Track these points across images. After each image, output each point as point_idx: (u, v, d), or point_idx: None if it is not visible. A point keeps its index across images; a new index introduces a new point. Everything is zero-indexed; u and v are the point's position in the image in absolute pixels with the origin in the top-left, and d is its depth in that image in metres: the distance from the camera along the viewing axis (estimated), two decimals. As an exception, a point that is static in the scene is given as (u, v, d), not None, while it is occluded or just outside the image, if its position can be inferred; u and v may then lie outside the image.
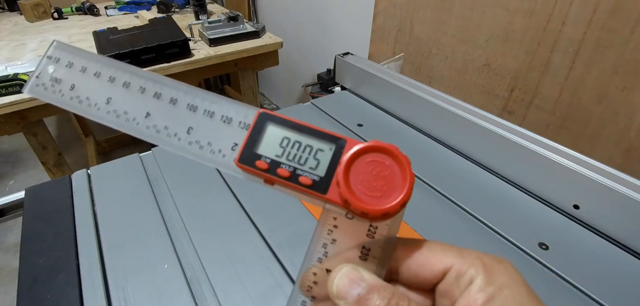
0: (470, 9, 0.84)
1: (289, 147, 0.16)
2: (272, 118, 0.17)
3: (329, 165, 0.16)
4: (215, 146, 0.17)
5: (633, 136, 0.64)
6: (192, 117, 0.18)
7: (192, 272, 0.39)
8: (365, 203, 0.15)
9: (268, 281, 0.38)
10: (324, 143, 0.16)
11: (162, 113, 0.18)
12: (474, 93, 0.89)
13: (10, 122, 0.94)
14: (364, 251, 0.16)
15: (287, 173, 0.16)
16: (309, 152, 0.16)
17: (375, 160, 0.15)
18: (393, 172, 0.15)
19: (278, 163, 0.16)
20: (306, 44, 1.80)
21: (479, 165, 0.54)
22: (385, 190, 0.15)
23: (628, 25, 0.60)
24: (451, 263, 0.15)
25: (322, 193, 0.15)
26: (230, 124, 0.17)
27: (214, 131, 0.17)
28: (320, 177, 0.16)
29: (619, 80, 0.63)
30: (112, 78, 0.19)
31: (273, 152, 0.16)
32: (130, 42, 1.05)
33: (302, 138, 0.16)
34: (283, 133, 0.16)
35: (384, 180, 0.15)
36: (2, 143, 2.15)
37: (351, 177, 0.15)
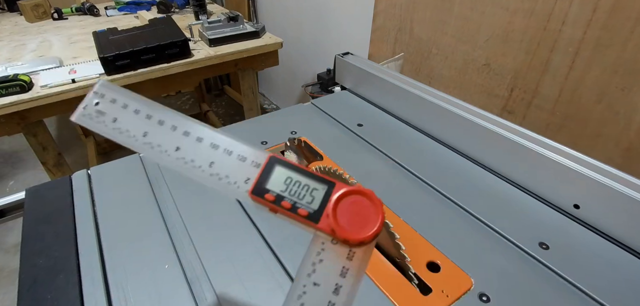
0: (470, 9, 0.84)
1: (292, 185, 0.20)
2: (279, 161, 0.21)
3: (321, 201, 0.20)
4: (232, 179, 0.21)
5: (633, 136, 0.64)
6: (213, 153, 0.22)
7: (192, 272, 0.39)
8: (347, 232, 0.19)
9: (268, 281, 0.38)
10: (318, 184, 0.20)
11: (189, 148, 0.22)
12: (474, 93, 0.89)
13: (10, 122, 0.94)
14: (343, 271, 0.20)
15: (288, 205, 0.20)
16: (307, 190, 0.20)
17: (356, 201, 0.20)
18: (369, 211, 0.20)
19: (282, 197, 0.20)
20: (306, 44, 1.80)
21: (479, 165, 0.54)
22: (362, 224, 0.19)
23: (628, 25, 0.60)
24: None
25: (315, 223, 0.20)
26: (244, 162, 0.21)
27: (231, 167, 0.21)
28: (314, 210, 0.20)
29: (619, 80, 0.63)
30: (149, 116, 0.23)
31: (278, 188, 0.20)
32: (130, 42, 1.05)
33: (302, 179, 0.21)
34: (287, 173, 0.21)
35: (362, 216, 0.19)
36: (2, 143, 2.15)
37: (338, 212, 0.20)
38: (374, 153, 0.58)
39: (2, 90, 0.90)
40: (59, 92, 0.95)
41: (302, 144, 0.59)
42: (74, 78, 0.98)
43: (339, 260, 0.19)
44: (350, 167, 0.53)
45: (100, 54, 0.99)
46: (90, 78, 0.99)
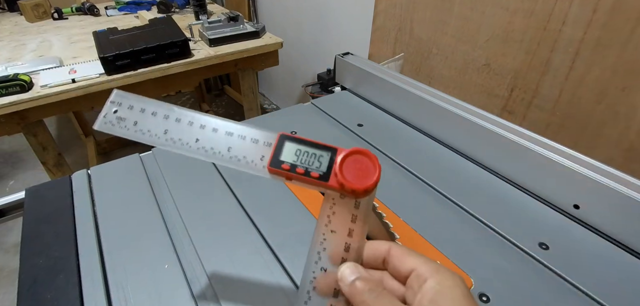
0: (470, 9, 0.84)
1: (301, 155, 0.24)
2: (289, 137, 0.25)
3: (328, 164, 0.24)
4: (249, 158, 0.25)
5: (633, 136, 0.64)
6: (229, 140, 0.25)
7: (192, 272, 0.39)
8: (353, 184, 0.23)
9: (268, 281, 0.38)
10: (323, 151, 0.24)
11: (208, 138, 0.25)
12: (474, 93, 0.89)
13: (10, 122, 0.94)
14: (346, 246, 0.24)
15: (302, 170, 0.24)
16: (314, 157, 0.24)
17: (357, 159, 0.24)
18: (368, 165, 0.24)
19: (295, 166, 0.24)
20: (306, 44, 1.80)
21: (479, 165, 0.54)
22: (364, 176, 0.23)
23: (628, 25, 0.60)
24: (416, 266, 0.22)
25: (326, 181, 0.23)
26: (257, 143, 0.25)
27: (247, 148, 0.25)
28: (324, 172, 0.24)
29: (619, 80, 0.63)
30: (166, 116, 0.26)
31: (291, 159, 0.24)
32: (130, 42, 1.05)
33: (309, 149, 0.25)
34: (296, 147, 0.25)
35: (363, 171, 0.23)
36: (2, 143, 2.15)
37: (343, 170, 0.23)
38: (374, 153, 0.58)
39: (2, 90, 0.90)
40: (59, 91, 0.95)
41: (302, 144, 0.59)
42: (74, 78, 0.98)
43: (348, 210, 0.24)
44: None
45: (101, 54, 0.99)
46: (90, 78, 0.99)
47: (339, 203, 0.24)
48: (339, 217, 0.24)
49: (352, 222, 0.24)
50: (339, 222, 0.24)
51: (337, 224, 0.24)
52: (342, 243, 0.24)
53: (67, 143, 2.19)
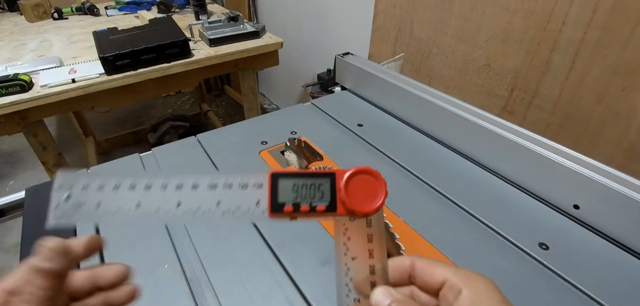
0: (470, 9, 0.84)
1: (300, 190, 0.22)
2: (281, 175, 0.23)
3: (330, 192, 0.23)
4: (243, 208, 0.22)
5: (633, 136, 0.64)
6: (215, 193, 0.22)
7: (192, 272, 0.39)
8: (364, 207, 0.22)
9: (268, 281, 0.38)
10: (322, 179, 0.23)
11: (190, 199, 0.22)
12: (474, 93, 0.89)
13: (10, 122, 0.94)
14: (371, 269, 0.23)
15: (307, 208, 0.22)
16: (315, 188, 0.22)
17: (360, 179, 0.23)
18: (373, 183, 0.23)
19: (298, 204, 0.22)
20: (306, 44, 1.80)
21: (479, 165, 0.54)
22: (372, 194, 0.22)
23: (628, 25, 0.60)
24: (447, 276, 0.22)
25: (334, 211, 0.22)
26: (247, 189, 0.22)
27: (238, 198, 0.22)
28: (329, 202, 0.22)
29: (619, 80, 0.63)
30: (132, 186, 0.22)
31: (291, 197, 0.22)
32: (130, 42, 1.05)
33: (307, 181, 0.23)
34: (293, 182, 0.22)
35: (368, 189, 0.23)
36: (2, 143, 2.15)
37: (350, 195, 0.22)
38: (374, 154, 0.58)
39: (2, 90, 0.90)
40: (59, 91, 0.95)
41: (302, 144, 0.59)
42: (74, 78, 0.98)
43: (362, 231, 0.23)
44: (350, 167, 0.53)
45: (101, 54, 0.99)
46: (90, 78, 0.99)
47: (351, 227, 0.23)
48: (355, 241, 0.23)
49: (369, 241, 0.23)
50: (356, 246, 0.23)
51: (355, 249, 0.23)
52: (366, 267, 0.23)
53: (67, 143, 2.19)
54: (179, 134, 2.01)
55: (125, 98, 1.08)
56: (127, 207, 0.21)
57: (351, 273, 0.23)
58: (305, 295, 0.36)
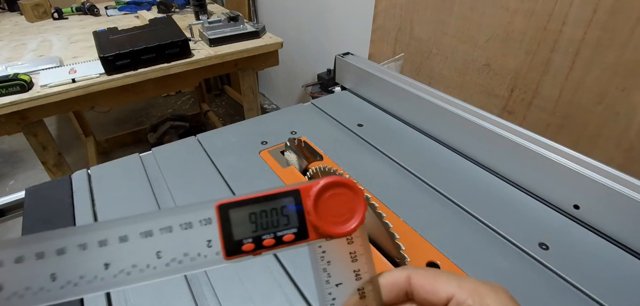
0: (470, 9, 0.84)
1: (259, 219, 0.18)
2: (230, 205, 0.18)
3: (297, 215, 0.19)
4: (192, 253, 0.17)
5: (633, 136, 0.64)
6: (152, 242, 0.17)
7: (192, 272, 0.39)
8: (341, 228, 0.19)
9: (268, 281, 0.38)
10: (284, 199, 0.19)
11: (121, 256, 0.17)
12: (474, 93, 0.89)
13: (10, 122, 0.94)
14: (361, 293, 0.20)
15: (271, 241, 0.18)
16: (277, 214, 0.18)
17: (331, 195, 0.19)
18: (348, 197, 0.19)
19: (259, 237, 0.18)
20: (306, 44, 1.80)
21: (479, 165, 0.54)
22: (349, 211, 0.19)
23: (628, 25, 0.60)
24: (452, 292, 0.19)
25: (306, 238, 0.19)
26: (192, 229, 0.18)
27: (182, 243, 0.17)
28: (297, 226, 0.18)
29: (619, 80, 0.63)
30: (39, 255, 0.16)
31: (249, 230, 0.18)
32: (130, 42, 1.05)
33: (265, 206, 0.18)
34: (247, 211, 0.18)
35: (344, 205, 0.19)
36: (2, 143, 2.15)
37: (321, 216, 0.18)
38: (374, 154, 0.58)
39: (2, 90, 0.90)
40: (59, 91, 0.95)
41: (302, 144, 0.59)
42: (74, 78, 0.98)
43: (343, 251, 0.20)
44: (350, 167, 0.53)
45: (101, 54, 0.99)
46: (90, 77, 0.99)
47: (329, 250, 0.19)
48: (337, 265, 0.19)
49: (354, 261, 0.20)
50: (339, 271, 0.20)
51: (338, 274, 0.20)
52: (355, 292, 0.20)
53: (67, 143, 2.19)
54: (179, 134, 2.01)
55: (125, 98, 1.08)
56: (40, 284, 0.16)
57: (338, 303, 0.20)
58: (305, 295, 0.36)
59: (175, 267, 0.17)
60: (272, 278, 0.38)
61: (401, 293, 0.21)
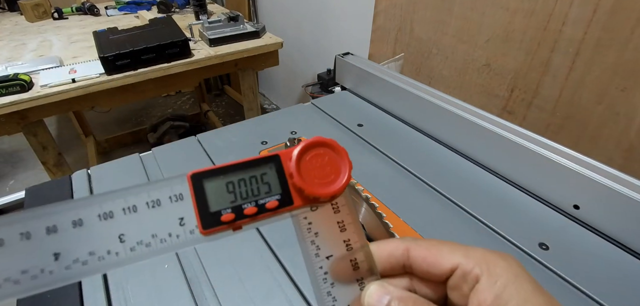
0: (470, 9, 0.84)
1: (238, 188, 0.17)
2: (204, 174, 0.17)
3: (279, 180, 0.18)
4: (162, 234, 0.16)
5: (633, 136, 0.64)
6: (114, 225, 0.15)
7: (192, 272, 0.39)
8: (326, 189, 0.18)
9: (268, 281, 0.38)
10: (264, 167, 0.17)
11: (74, 243, 0.14)
12: (474, 93, 0.89)
13: (10, 122, 0.94)
14: (353, 263, 0.19)
15: (253, 209, 0.17)
16: (257, 182, 0.17)
17: (313, 156, 0.18)
18: (331, 156, 0.18)
19: (239, 207, 0.17)
20: (306, 44, 1.80)
21: (479, 165, 0.54)
22: (333, 171, 0.18)
23: (628, 25, 0.60)
24: (457, 262, 0.18)
25: (290, 204, 0.18)
26: (161, 207, 0.16)
27: (151, 223, 0.15)
28: (280, 193, 0.18)
29: (619, 80, 0.63)
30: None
31: (226, 201, 0.17)
32: (131, 42, 1.05)
33: (243, 174, 0.17)
34: (224, 180, 0.17)
35: (327, 165, 0.18)
36: (2, 143, 2.15)
37: (305, 179, 0.17)
38: (374, 154, 0.58)
39: (2, 90, 0.90)
40: (59, 91, 0.95)
41: (302, 144, 0.59)
42: (74, 78, 0.98)
43: (330, 221, 0.19)
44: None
45: (101, 54, 0.99)
46: (90, 77, 0.99)
47: (315, 220, 0.18)
48: (325, 236, 0.18)
49: (343, 231, 0.19)
50: (328, 242, 0.19)
51: (328, 245, 0.18)
52: (347, 264, 0.19)
53: (67, 143, 2.19)
54: (179, 134, 2.01)
55: (125, 98, 1.08)
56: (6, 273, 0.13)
57: (330, 277, 0.19)
58: (305, 295, 0.36)
59: (142, 252, 0.15)
60: (272, 278, 0.38)
61: (397, 265, 0.19)
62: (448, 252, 0.18)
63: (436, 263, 0.18)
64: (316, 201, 0.18)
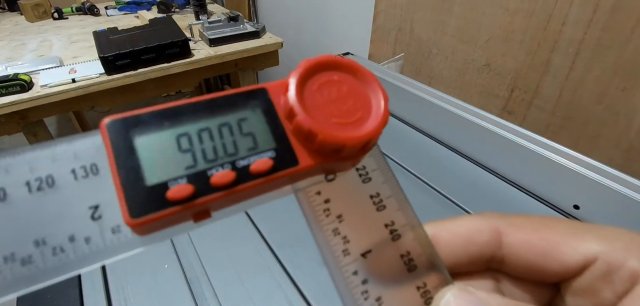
0: (470, 9, 0.84)
1: (198, 144, 0.10)
2: (134, 120, 0.09)
3: (270, 129, 0.10)
4: (57, 238, 0.09)
5: (633, 136, 0.64)
6: None
7: (192, 272, 0.39)
8: (355, 131, 0.11)
9: (268, 281, 0.38)
10: (239, 108, 0.10)
11: None
12: (474, 94, 0.89)
13: (10, 122, 0.94)
14: (406, 259, 0.12)
15: (229, 176, 0.09)
16: (231, 131, 0.10)
17: (324, 83, 0.11)
18: (349, 83, 0.11)
19: (203, 174, 0.09)
20: (306, 44, 1.80)
21: (479, 165, 0.54)
22: (359, 103, 0.11)
23: (628, 25, 0.60)
24: (595, 251, 0.11)
25: (294, 164, 0.10)
26: (55, 186, 0.09)
27: (33, 217, 0.09)
28: (275, 148, 0.10)
29: (619, 81, 0.63)
30: None
31: (180, 166, 0.09)
32: (131, 42, 1.05)
33: (206, 122, 0.10)
34: (172, 133, 0.10)
35: (348, 97, 0.11)
36: (2, 143, 2.15)
37: (318, 121, 0.10)
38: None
39: (2, 90, 0.90)
40: (59, 91, 0.95)
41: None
42: (74, 78, 0.98)
43: (361, 197, 0.12)
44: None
45: (101, 54, 0.99)
46: (90, 77, 0.99)
47: (334, 196, 0.12)
48: (353, 220, 0.12)
49: (380, 209, 0.12)
50: (360, 229, 0.12)
51: (360, 235, 0.12)
52: (396, 262, 0.12)
53: (67, 143, 2.19)
54: (179, 134, 2.01)
55: (125, 98, 1.08)
56: None
57: (371, 286, 0.11)
58: (305, 295, 0.36)
59: (16, 274, 0.08)
60: (272, 278, 0.38)
61: (479, 258, 0.12)
62: (571, 236, 0.11)
63: (553, 254, 0.11)
64: (337, 157, 0.10)
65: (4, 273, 0.08)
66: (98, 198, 0.09)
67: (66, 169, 0.09)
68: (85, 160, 0.09)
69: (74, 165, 0.09)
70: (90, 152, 0.09)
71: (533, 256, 0.12)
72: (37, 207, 0.09)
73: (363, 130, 0.11)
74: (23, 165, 0.09)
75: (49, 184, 0.09)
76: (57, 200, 0.09)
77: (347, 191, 0.12)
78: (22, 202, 0.09)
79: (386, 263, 0.12)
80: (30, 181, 0.09)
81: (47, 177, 0.09)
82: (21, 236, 0.09)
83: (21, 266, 0.08)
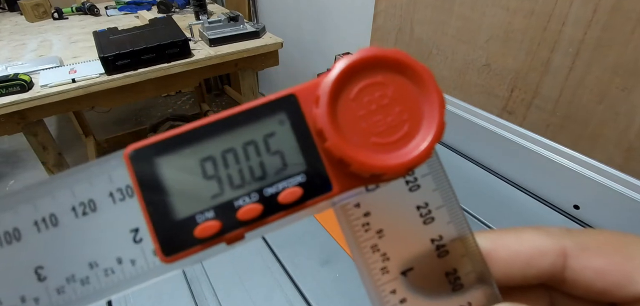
0: (470, 9, 0.84)
1: (223, 169, 0.09)
2: (157, 147, 0.09)
3: (300, 146, 0.09)
4: (107, 260, 0.09)
5: (633, 136, 0.64)
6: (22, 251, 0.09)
7: (192, 272, 0.39)
8: (397, 153, 0.09)
9: (268, 281, 0.38)
10: (266, 121, 0.09)
11: None
12: (474, 94, 0.89)
13: (10, 122, 0.94)
14: (452, 278, 0.11)
15: (256, 209, 0.09)
16: (258, 151, 0.09)
17: (366, 86, 0.09)
18: (395, 86, 0.10)
19: (230, 205, 0.09)
20: (306, 44, 1.80)
21: (479, 165, 0.54)
22: (406, 114, 0.10)
23: (628, 25, 0.60)
24: None
25: (328, 190, 0.09)
26: (97, 211, 0.09)
27: (82, 242, 0.09)
28: (305, 171, 0.09)
29: (619, 80, 0.63)
30: None
31: (207, 195, 0.09)
32: (131, 42, 1.05)
33: (230, 141, 0.09)
34: (195, 156, 0.09)
35: (394, 105, 0.09)
36: (2, 143, 2.15)
37: (350, 134, 0.09)
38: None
39: (2, 90, 0.90)
40: (59, 91, 0.95)
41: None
42: (74, 78, 0.98)
43: (404, 207, 0.11)
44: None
45: (101, 54, 0.99)
46: (90, 77, 0.99)
47: (375, 208, 0.11)
48: (395, 235, 0.11)
49: (426, 223, 0.11)
50: (402, 245, 0.11)
51: (402, 251, 0.10)
52: (441, 283, 0.11)
53: (67, 143, 2.19)
54: (179, 134, 2.01)
55: (125, 98, 1.08)
56: None
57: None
58: (305, 295, 0.36)
59: (73, 294, 0.09)
60: (272, 278, 0.38)
61: (537, 278, 0.11)
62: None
63: (627, 287, 0.10)
64: (375, 179, 0.10)
65: (68, 293, 0.09)
66: (137, 221, 0.10)
67: (104, 193, 0.09)
68: (119, 182, 0.09)
69: (110, 188, 0.09)
70: (123, 174, 0.09)
71: (602, 285, 0.11)
72: (86, 231, 0.09)
73: (408, 153, 0.09)
74: (66, 190, 0.09)
75: (91, 208, 0.09)
76: (101, 224, 0.09)
77: (391, 202, 0.11)
78: (71, 226, 0.09)
79: (429, 282, 0.11)
80: (75, 206, 0.09)
81: (89, 202, 0.09)
82: (77, 258, 0.09)
83: (81, 286, 0.09)
